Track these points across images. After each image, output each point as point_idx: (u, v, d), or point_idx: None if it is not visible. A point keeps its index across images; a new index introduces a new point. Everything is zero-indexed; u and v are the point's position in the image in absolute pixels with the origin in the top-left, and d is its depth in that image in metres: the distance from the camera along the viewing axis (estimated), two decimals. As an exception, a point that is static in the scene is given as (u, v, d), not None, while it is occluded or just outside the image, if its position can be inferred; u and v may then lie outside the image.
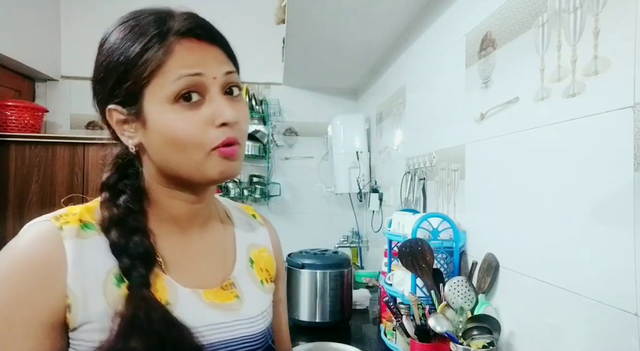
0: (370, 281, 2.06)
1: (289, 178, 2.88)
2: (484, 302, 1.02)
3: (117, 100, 0.56)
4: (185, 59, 0.54)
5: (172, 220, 0.62)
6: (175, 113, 0.54)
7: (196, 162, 0.55)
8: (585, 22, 0.74)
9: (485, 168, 1.10)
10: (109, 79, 0.56)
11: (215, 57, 0.57)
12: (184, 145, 0.54)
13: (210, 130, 0.55)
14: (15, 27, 2.31)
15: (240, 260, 0.67)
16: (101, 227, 0.56)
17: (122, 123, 0.58)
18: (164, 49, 0.53)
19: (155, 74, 0.53)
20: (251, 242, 0.71)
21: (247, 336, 0.62)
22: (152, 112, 0.55)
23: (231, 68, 0.58)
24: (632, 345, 0.63)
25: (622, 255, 0.65)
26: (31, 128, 2.37)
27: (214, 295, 0.61)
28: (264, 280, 0.69)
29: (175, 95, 0.53)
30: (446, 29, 1.39)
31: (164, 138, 0.55)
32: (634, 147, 0.63)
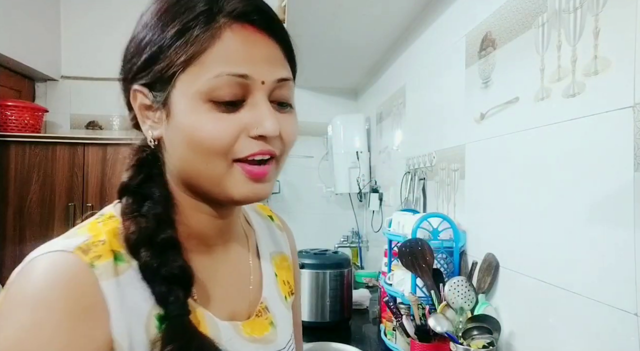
0: (370, 281, 2.06)
1: (289, 178, 2.88)
2: (484, 302, 1.02)
3: (144, 82, 0.47)
4: (232, 52, 0.44)
5: (197, 237, 0.52)
6: (206, 112, 0.44)
7: (217, 175, 0.46)
8: (585, 22, 0.74)
9: (485, 168, 1.10)
10: (139, 56, 0.47)
11: (270, 55, 0.47)
12: (207, 152, 0.45)
13: (243, 138, 0.45)
14: (15, 27, 2.31)
15: (267, 275, 0.59)
16: (128, 247, 0.45)
17: (146, 109, 0.49)
18: (210, 33, 0.44)
19: (193, 62, 0.44)
20: (273, 250, 0.63)
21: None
22: (179, 105, 0.45)
23: (287, 74, 0.48)
24: (632, 345, 0.63)
25: (622, 255, 0.65)
26: (31, 128, 2.37)
27: (252, 326, 0.53)
28: (287, 295, 0.61)
29: (211, 94, 0.44)
30: (446, 29, 1.39)
31: (186, 139, 0.45)
32: (634, 147, 0.63)
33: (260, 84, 0.45)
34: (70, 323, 0.38)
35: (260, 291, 0.57)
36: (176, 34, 0.44)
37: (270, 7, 0.48)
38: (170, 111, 0.46)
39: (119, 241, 0.45)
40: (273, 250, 0.63)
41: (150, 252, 0.44)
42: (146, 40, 0.47)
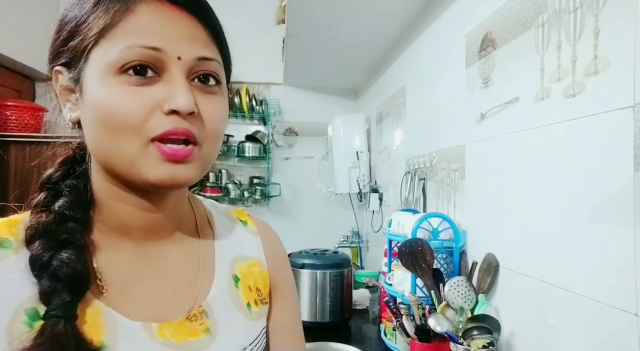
0: (370, 281, 2.06)
1: (289, 179, 2.88)
2: (484, 302, 1.02)
3: (63, 61, 0.46)
4: (146, 25, 0.42)
5: (122, 231, 0.48)
6: (117, 85, 0.42)
7: (131, 155, 0.42)
8: (585, 22, 0.74)
9: (485, 168, 1.10)
10: (59, 34, 0.46)
11: (190, 34, 0.44)
12: (118, 128, 0.41)
13: (156, 114, 0.42)
14: (15, 27, 2.31)
15: (219, 279, 0.53)
16: (25, 239, 0.43)
17: (67, 91, 0.47)
18: (123, 6, 0.42)
19: (105, 34, 0.42)
20: (238, 254, 0.57)
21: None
22: (91, 80, 0.43)
23: (210, 54, 0.46)
24: (632, 345, 0.63)
25: (622, 255, 0.65)
26: (31, 128, 2.37)
27: (175, 329, 0.47)
28: (252, 303, 0.54)
29: (122, 65, 0.41)
30: (446, 29, 1.39)
31: (96, 115, 0.42)
32: (634, 147, 0.63)
33: (177, 59, 0.43)
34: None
35: (205, 295, 0.51)
36: (91, 7, 0.43)
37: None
38: (83, 88, 0.44)
39: (13, 230, 0.44)
40: (238, 254, 0.57)
41: (43, 245, 0.42)
42: (67, 17, 0.45)
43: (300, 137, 2.92)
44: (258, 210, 2.84)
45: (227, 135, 2.73)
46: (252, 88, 2.81)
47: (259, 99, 2.80)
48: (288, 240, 1.76)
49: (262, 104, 2.79)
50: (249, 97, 2.75)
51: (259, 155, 2.75)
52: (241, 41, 2.83)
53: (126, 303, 0.46)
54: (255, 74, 2.84)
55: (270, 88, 2.87)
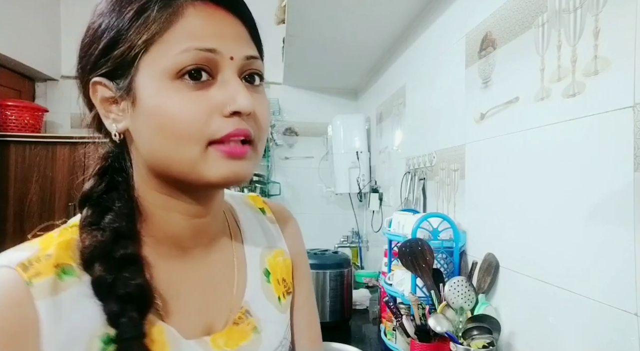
0: (370, 281, 2.06)
1: (289, 178, 2.88)
2: (484, 302, 1.02)
3: (103, 71, 0.44)
4: (197, 28, 0.42)
5: (170, 241, 0.48)
6: (175, 91, 0.41)
7: (191, 159, 0.42)
8: (585, 22, 0.74)
9: (485, 168, 1.10)
10: (97, 44, 0.44)
11: (237, 34, 0.45)
12: (179, 134, 0.42)
13: (217, 118, 0.42)
14: (15, 27, 2.31)
15: (252, 276, 0.54)
16: (81, 260, 0.42)
17: (109, 102, 0.45)
18: (171, 10, 0.42)
19: (156, 40, 0.42)
20: (264, 246, 0.58)
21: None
22: (145, 88, 0.42)
23: (254, 53, 0.46)
24: (632, 345, 0.63)
25: (622, 255, 0.65)
26: (31, 128, 2.37)
27: (227, 337, 0.48)
28: (281, 296, 0.56)
29: (180, 69, 0.41)
30: (446, 29, 1.39)
31: (155, 123, 0.42)
32: (634, 147, 0.63)
33: (229, 59, 0.43)
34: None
35: (242, 295, 0.52)
36: (135, 14, 0.42)
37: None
38: (136, 97, 0.43)
39: (71, 253, 0.43)
40: (265, 247, 0.57)
41: (104, 266, 0.41)
42: (103, 26, 0.44)
43: (300, 137, 2.92)
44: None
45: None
46: (252, 88, 2.81)
47: (259, 99, 2.80)
48: (288, 240, 1.72)
49: (262, 104, 2.79)
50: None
51: (258, 154, 2.75)
52: (241, 41, 2.85)
53: (179, 318, 0.46)
54: (255, 73, 2.84)
55: (270, 88, 2.87)
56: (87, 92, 0.47)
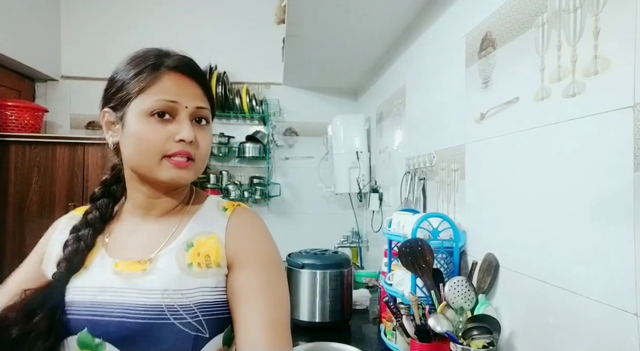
0: (370, 281, 2.06)
1: (289, 179, 2.89)
2: (484, 302, 1.02)
3: (110, 105, 0.73)
4: (168, 88, 0.70)
5: (136, 209, 0.77)
6: (147, 123, 0.68)
7: (151, 165, 0.69)
8: (585, 22, 0.74)
9: (485, 168, 1.11)
10: (110, 89, 0.73)
11: (193, 92, 0.72)
12: (146, 149, 0.68)
13: (170, 142, 0.69)
14: (15, 27, 2.32)
15: (175, 243, 0.73)
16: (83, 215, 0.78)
17: (110, 124, 0.74)
18: (153, 76, 0.70)
19: (142, 92, 0.69)
20: (202, 230, 0.75)
21: (135, 305, 0.66)
22: (131, 119, 0.70)
23: (204, 104, 0.73)
24: (632, 345, 0.63)
25: (622, 255, 0.65)
26: (31, 128, 2.37)
27: (126, 265, 0.71)
28: (194, 264, 0.71)
29: (152, 111, 0.68)
30: (446, 29, 1.39)
31: (133, 139, 0.69)
32: (634, 147, 0.63)
33: (185, 107, 0.70)
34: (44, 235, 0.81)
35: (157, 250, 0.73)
36: (134, 75, 0.70)
37: (197, 63, 0.75)
38: (125, 124, 0.71)
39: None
40: (202, 230, 0.75)
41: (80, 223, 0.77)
42: (116, 79, 0.73)
43: (300, 137, 2.92)
44: (258, 210, 2.84)
45: (228, 136, 2.75)
46: (252, 89, 2.81)
47: (259, 99, 2.80)
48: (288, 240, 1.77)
49: (262, 104, 2.79)
50: (249, 97, 2.75)
51: (259, 155, 2.75)
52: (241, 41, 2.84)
53: (115, 249, 0.74)
54: (255, 74, 2.84)
55: (270, 88, 2.88)
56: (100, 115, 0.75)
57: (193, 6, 2.80)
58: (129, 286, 0.68)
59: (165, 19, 2.77)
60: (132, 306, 0.66)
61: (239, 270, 0.71)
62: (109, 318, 0.66)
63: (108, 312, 0.66)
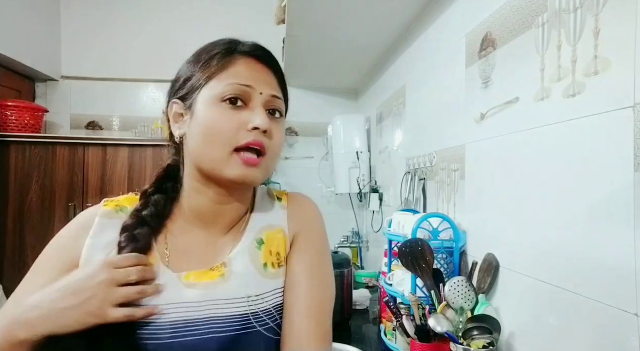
0: (370, 281, 2.06)
1: (289, 178, 2.88)
2: (484, 302, 1.02)
3: (179, 96, 0.67)
4: (241, 72, 0.64)
5: (195, 216, 0.69)
6: (218, 109, 0.62)
7: (219, 158, 0.62)
8: (585, 22, 0.74)
9: (485, 168, 1.10)
10: (178, 79, 0.68)
11: (268, 79, 0.67)
12: (215, 138, 0.62)
13: (242, 131, 0.62)
14: (15, 27, 2.32)
15: (244, 240, 0.68)
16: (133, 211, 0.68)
17: (178, 116, 0.67)
18: (226, 60, 0.64)
19: (213, 77, 0.64)
20: (267, 223, 0.71)
21: (221, 317, 0.61)
22: (201, 106, 0.63)
23: (279, 94, 0.68)
24: (632, 345, 0.63)
25: (622, 255, 0.65)
26: (31, 128, 2.37)
27: (197, 276, 0.64)
28: (269, 264, 0.67)
29: (223, 96, 0.62)
30: (446, 29, 1.39)
31: (202, 128, 0.63)
32: (634, 147, 0.63)
33: (259, 94, 0.64)
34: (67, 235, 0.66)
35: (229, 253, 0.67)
36: (204, 62, 0.65)
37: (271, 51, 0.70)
38: (194, 112, 0.64)
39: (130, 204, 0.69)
40: (267, 223, 0.71)
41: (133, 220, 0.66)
42: (185, 69, 0.68)
43: (300, 137, 2.92)
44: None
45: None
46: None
47: (259, 99, 2.80)
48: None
49: (262, 104, 2.79)
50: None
51: (258, 155, 2.75)
52: (241, 41, 2.84)
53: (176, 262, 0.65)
54: (255, 74, 2.84)
55: (270, 88, 2.87)
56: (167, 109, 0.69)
57: (193, 6, 2.80)
58: (210, 298, 0.62)
59: (165, 19, 2.77)
60: (218, 319, 0.61)
61: (293, 253, 0.69)
62: (195, 336, 0.59)
63: (192, 330, 0.60)
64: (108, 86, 2.71)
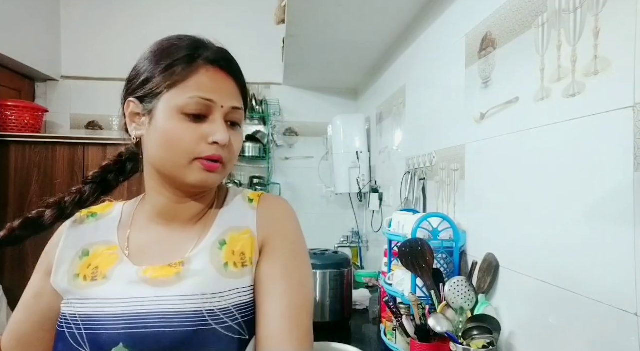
0: (370, 281, 2.06)
1: (289, 179, 2.88)
2: (484, 302, 1.02)
3: (137, 95, 0.66)
4: (204, 83, 0.63)
5: (156, 214, 0.70)
6: (179, 121, 0.63)
7: (179, 165, 0.63)
8: (585, 22, 0.74)
9: (485, 168, 1.10)
10: (137, 78, 0.66)
11: (230, 90, 0.66)
12: (175, 149, 0.63)
13: (202, 144, 0.63)
14: (15, 27, 2.32)
15: (207, 240, 0.68)
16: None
17: (134, 116, 0.67)
18: (190, 69, 0.63)
19: (176, 85, 0.63)
20: (234, 224, 0.70)
21: (174, 313, 0.61)
22: (161, 114, 0.63)
23: (240, 105, 0.68)
24: (632, 345, 0.63)
25: (622, 255, 0.65)
26: (31, 128, 2.37)
27: (155, 271, 0.64)
28: (231, 263, 0.66)
29: (184, 110, 0.63)
30: (446, 29, 1.39)
31: (162, 138, 0.63)
32: (634, 147, 0.63)
33: (220, 107, 0.64)
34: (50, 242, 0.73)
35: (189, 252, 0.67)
36: (166, 67, 0.63)
37: (234, 57, 0.69)
38: (153, 118, 0.64)
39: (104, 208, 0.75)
40: (234, 224, 0.71)
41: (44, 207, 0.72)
42: (144, 68, 0.66)
43: (300, 137, 2.92)
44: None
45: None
46: (252, 89, 2.81)
47: (259, 99, 2.80)
48: (288, 240, 1.64)
49: (262, 104, 2.79)
50: (249, 97, 2.74)
51: (259, 155, 2.75)
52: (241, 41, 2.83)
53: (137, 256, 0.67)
54: (255, 74, 2.84)
55: (270, 88, 2.87)
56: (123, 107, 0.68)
57: (193, 6, 2.80)
58: (163, 294, 0.62)
59: (165, 19, 2.77)
60: (170, 315, 0.61)
61: (265, 256, 0.68)
62: (146, 329, 0.60)
63: (143, 324, 0.60)
64: (108, 86, 2.70)
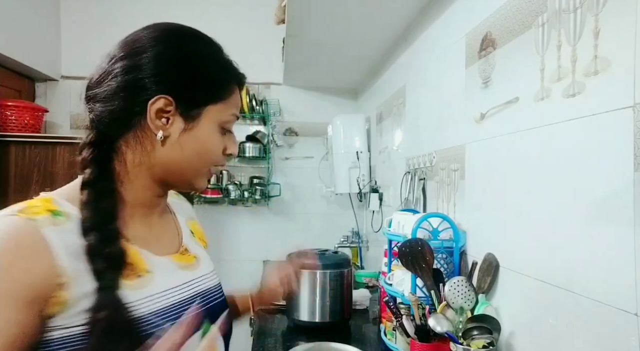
0: (370, 281, 2.06)
1: (289, 179, 2.88)
2: (484, 302, 1.02)
3: (175, 96, 0.64)
4: (238, 102, 0.73)
5: (140, 205, 0.70)
6: (216, 134, 0.69)
7: (200, 172, 0.69)
8: (585, 22, 0.74)
9: (485, 168, 1.11)
10: (180, 75, 0.65)
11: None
12: (206, 157, 0.68)
13: (222, 154, 0.71)
14: (15, 27, 2.31)
15: (185, 231, 0.80)
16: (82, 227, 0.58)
17: (162, 112, 0.64)
18: (232, 88, 0.71)
19: (222, 100, 0.68)
20: (187, 215, 0.85)
21: (210, 289, 0.75)
22: (205, 125, 0.67)
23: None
24: (632, 345, 0.63)
25: (622, 255, 0.65)
26: (31, 128, 2.36)
27: (180, 259, 0.73)
28: (205, 246, 0.85)
29: (225, 125, 0.70)
30: (446, 29, 1.39)
31: (201, 146, 0.67)
32: (634, 147, 0.63)
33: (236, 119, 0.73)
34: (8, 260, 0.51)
35: (181, 240, 0.77)
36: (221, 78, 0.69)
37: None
38: (196, 126, 0.66)
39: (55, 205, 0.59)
40: (187, 218, 0.84)
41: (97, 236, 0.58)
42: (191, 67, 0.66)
43: (300, 137, 2.92)
44: (258, 210, 2.84)
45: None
46: (252, 89, 2.81)
47: (259, 99, 2.80)
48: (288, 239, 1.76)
49: (262, 104, 2.79)
50: (249, 97, 2.74)
51: (259, 155, 2.75)
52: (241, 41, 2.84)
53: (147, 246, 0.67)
54: (255, 74, 2.83)
55: (270, 88, 2.87)
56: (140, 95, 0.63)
57: (193, 6, 2.80)
58: (198, 275, 0.74)
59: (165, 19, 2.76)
60: (213, 289, 0.76)
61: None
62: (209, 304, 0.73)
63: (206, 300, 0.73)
64: (108, 86, 2.70)
